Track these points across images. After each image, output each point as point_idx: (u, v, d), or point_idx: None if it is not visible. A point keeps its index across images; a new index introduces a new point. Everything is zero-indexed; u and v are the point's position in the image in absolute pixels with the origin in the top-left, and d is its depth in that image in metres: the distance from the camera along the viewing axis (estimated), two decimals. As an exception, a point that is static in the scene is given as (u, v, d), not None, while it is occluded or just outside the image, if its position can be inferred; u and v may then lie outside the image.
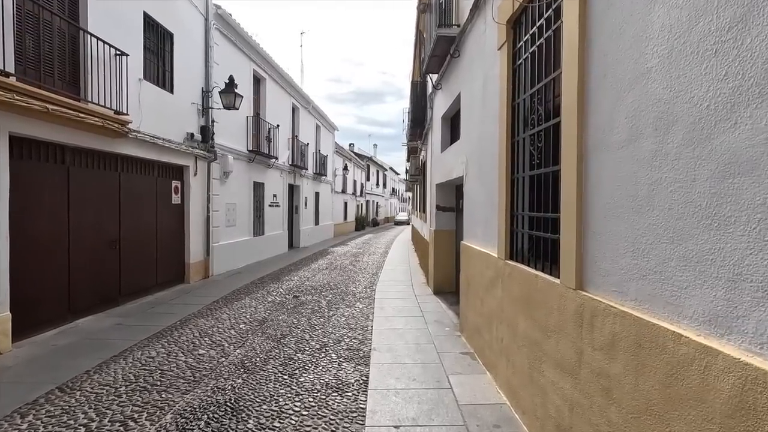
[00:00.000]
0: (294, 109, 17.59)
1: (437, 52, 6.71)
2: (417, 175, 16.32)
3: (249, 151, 12.47)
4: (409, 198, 41.89)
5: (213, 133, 10.12)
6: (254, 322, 6.36)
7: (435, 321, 6.45)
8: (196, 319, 6.48)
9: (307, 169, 18.61)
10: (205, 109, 9.85)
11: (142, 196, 7.81)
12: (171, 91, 8.59)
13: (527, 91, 3.47)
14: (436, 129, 8.54)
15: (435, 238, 8.47)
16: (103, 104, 6.26)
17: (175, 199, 8.96)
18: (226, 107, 9.73)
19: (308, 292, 8.66)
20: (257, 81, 13.72)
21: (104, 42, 6.31)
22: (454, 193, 8.39)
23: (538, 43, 3.23)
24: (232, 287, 9.03)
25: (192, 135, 9.20)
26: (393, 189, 58.30)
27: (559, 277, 2.73)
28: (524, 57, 3.54)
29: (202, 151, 9.66)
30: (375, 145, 55.18)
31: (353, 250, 17.45)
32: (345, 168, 27.31)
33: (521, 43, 3.61)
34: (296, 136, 17.43)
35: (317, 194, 21.36)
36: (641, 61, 1.93)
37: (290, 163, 16.55)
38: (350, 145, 42.70)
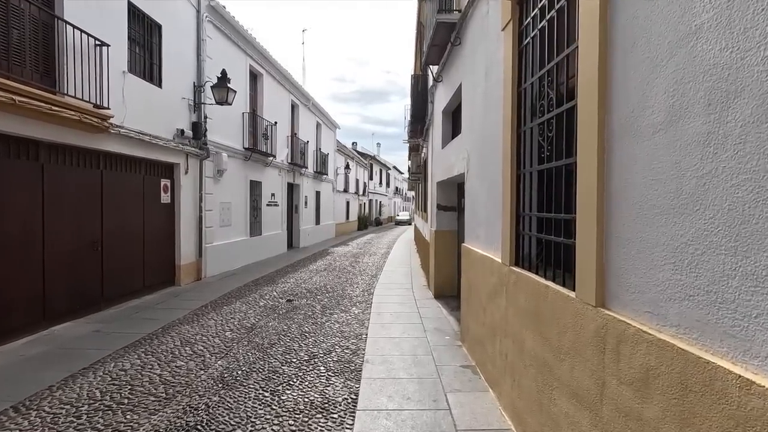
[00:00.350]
0: (293, 107, 17.20)
1: (437, 41, 6.28)
2: (418, 173, 15.90)
3: (245, 148, 12.09)
4: (413, 197, 41.48)
5: (205, 130, 9.74)
6: (242, 329, 5.96)
7: (434, 329, 6.02)
8: (180, 326, 6.09)
9: (307, 167, 18.23)
10: (196, 105, 9.47)
11: (127, 195, 7.43)
12: (159, 85, 8.21)
13: (535, 74, 3.04)
14: (436, 124, 8.11)
15: (435, 239, 8.05)
16: (81, 97, 5.88)
17: (165, 198, 8.59)
18: (219, 102, 9.34)
19: (303, 295, 8.26)
20: (254, 77, 13.34)
21: (82, 31, 5.93)
22: (455, 191, 7.95)
23: (548, 17, 2.79)
24: (224, 290, 8.65)
25: (182, 131, 8.82)
26: (397, 188, 57.88)
27: (574, 290, 2.30)
28: (532, 35, 3.10)
29: (193, 149, 9.28)
30: (378, 144, 54.86)
31: (354, 250, 17.04)
32: (347, 167, 26.91)
33: (528, 19, 3.17)
34: (295, 134, 17.04)
35: (318, 193, 20.98)
36: (687, 17, 1.49)
37: (289, 161, 16.17)
38: (353, 143, 42.33)
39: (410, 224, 39.22)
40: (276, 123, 14.14)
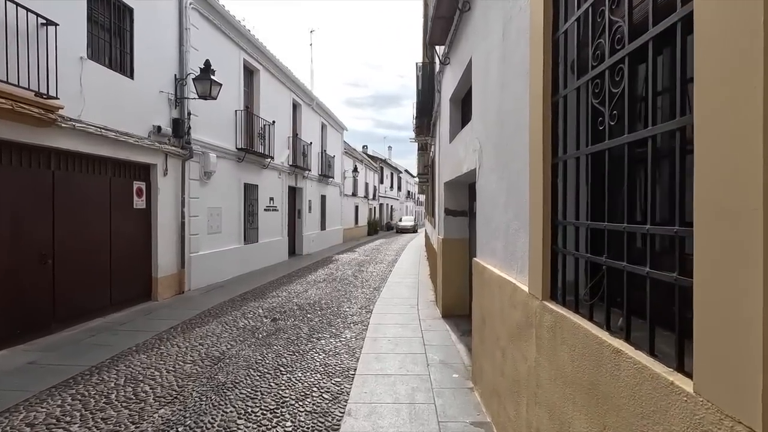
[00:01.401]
0: (295, 106, 16.29)
1: (442, 12, 5.21)
2: (425, 174, 14.77)
3: (238, 149, 11.16)
4: (424, 201, 40.20)
5: (189, 128, 8.81)
6: (206, 361, 4.93)
7: (440, 362, 4.89)
8: (135, 355, 5.09)
9: (310, 170, 17.27)
10: (178, 100, 8.55)
11: (89, 200, 6.51)
12: (130, 75, 7.30)
13: (583, 4, 1.93)
14: (444, 115, 7.00)
15: (444, 249, 6.92)
16: (17, 83, 4.95)
17: (138, 203, 7.66)
18: (202, 96, 8.41)
19: (291, 313, 7.21)
20: (249, 72, 12.44)
21: (19, 5, 5.02)
22: (466, 192, 6.82)
23: None
24: (204, 306, 7.66)
25: (159, 128, 7.90)
26: (409, 192, 56.76)
27: (689, 376, 1.17)
28: (578, -57, 1.99)
29: (174, 148, 8.36)
30: (389, 147, 53.85)
31: (360, 257, 15.97)
32: (354, 169, 25.92)
33: None
34: (297, 135, 16.11)
35: (323, 197, 20.01)
36: None
37: (290, 163, 15.23)
38: (363, 147, 41.41)
39: (415, 231, 34.81)
40: (274, 122, 13.21)
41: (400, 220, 37.94)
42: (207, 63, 8.39)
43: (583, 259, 1.96)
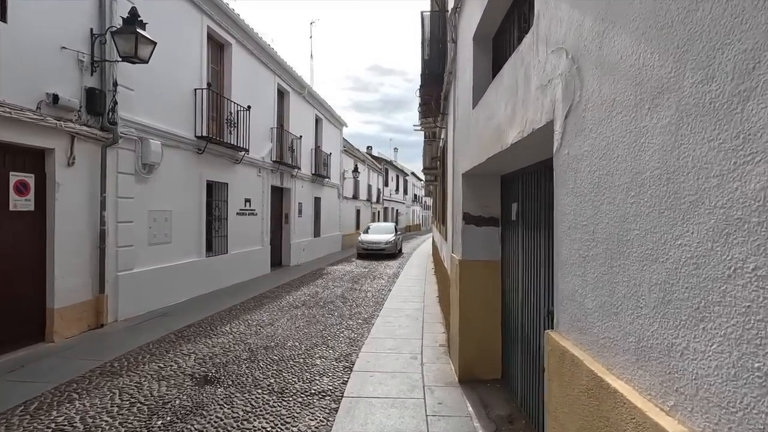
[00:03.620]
0: (281, 93, 13.99)
1: None
2: (433, 168, 12.34)
3: (198, 137, 8.86)
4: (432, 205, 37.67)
5: (115, 103, 6.50)
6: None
7: None
8: None
9: (299, 168, 14.94)
10: (96, 63, 6.25)
11: None
12: (1, 18, 5.01)
13: None
14: (463, 71, 4.59)
15: (462, 276, 4.47)
16: None
17: (21, 203, 5.34)
18: (125, 57, 6.11)
19: (233, 368, 4.81)
20: (218, 46, 10.17)
21: None
22: (497, 189, 4.40)
23: None
24: (114, 352, 5.30)
25: (56, 98, 5.58)
26: (415, 195, 54.36)
27: None
28: None
29: (86, 128, 6.06)
30: (395, 149, 51.62)
31: (356, 270, 13.56)
32: (355, 169, 23.58)
33: None
34: (282, 126, 13.80)
35: (317, 200, 17.65)
36: None
37: (274, 159, 12.92)
38: (368, 148, 39.14)
39: (396, 255, 18.02)
40: (249, 107, 10.88)
41: (367, 231, 19.39)
42: (133, 11, 6.10)
43: None
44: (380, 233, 18.66)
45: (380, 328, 6.57)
